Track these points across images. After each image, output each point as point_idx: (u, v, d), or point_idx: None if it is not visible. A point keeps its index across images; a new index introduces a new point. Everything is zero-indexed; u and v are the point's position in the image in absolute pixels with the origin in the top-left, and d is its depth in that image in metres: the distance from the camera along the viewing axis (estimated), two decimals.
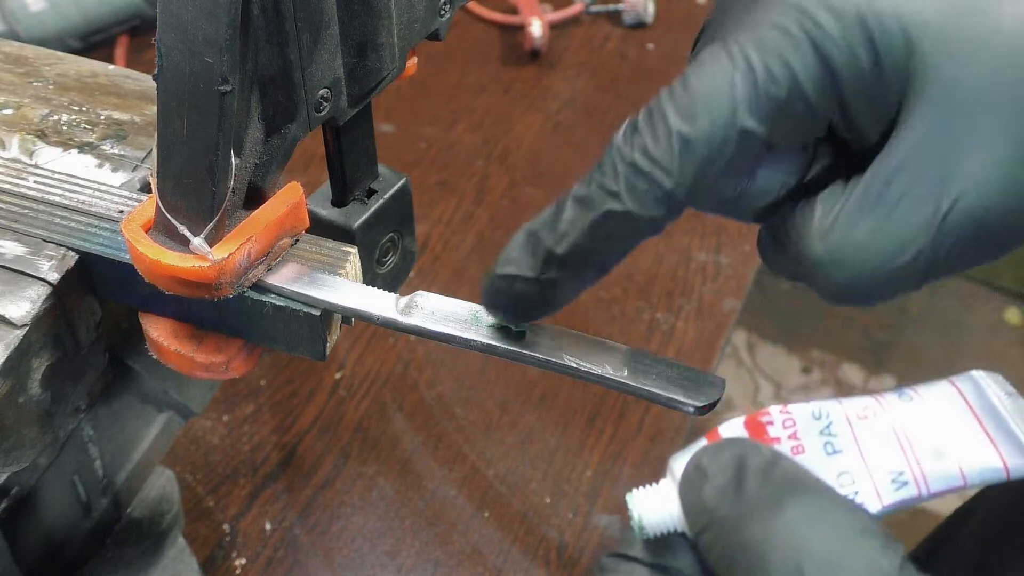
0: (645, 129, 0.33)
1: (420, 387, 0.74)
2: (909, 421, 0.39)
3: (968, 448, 0.38)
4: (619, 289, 0.82)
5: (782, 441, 0.38)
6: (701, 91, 0.32)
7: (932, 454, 0.38)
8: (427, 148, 0.94)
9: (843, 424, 0.39)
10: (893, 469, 0.38)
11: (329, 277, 0.40)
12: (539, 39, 1.02)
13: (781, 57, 0.32)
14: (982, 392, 0.39)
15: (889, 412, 0.39)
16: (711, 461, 0.35)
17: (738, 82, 0.32)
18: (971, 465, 0.38)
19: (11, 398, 0.38)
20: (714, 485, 0.34)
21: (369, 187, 0.47)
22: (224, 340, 0.41)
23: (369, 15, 0.39)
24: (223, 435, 0.71)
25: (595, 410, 0.73)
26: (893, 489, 0.38)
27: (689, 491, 0.35)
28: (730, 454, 0.35)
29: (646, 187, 0.33)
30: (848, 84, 0.32)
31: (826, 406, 0.39)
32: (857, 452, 0.38)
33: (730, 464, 0.34)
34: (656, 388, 0.37)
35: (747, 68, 0.32)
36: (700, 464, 0.35)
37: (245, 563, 0.64)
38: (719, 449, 0.35)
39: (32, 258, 0.40)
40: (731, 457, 0.35)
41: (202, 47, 0.33)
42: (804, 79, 0.32)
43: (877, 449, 0.38)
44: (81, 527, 0.51)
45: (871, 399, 0.39)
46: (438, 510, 0.67)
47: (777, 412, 0.39)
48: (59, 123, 0.46)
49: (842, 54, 0.32)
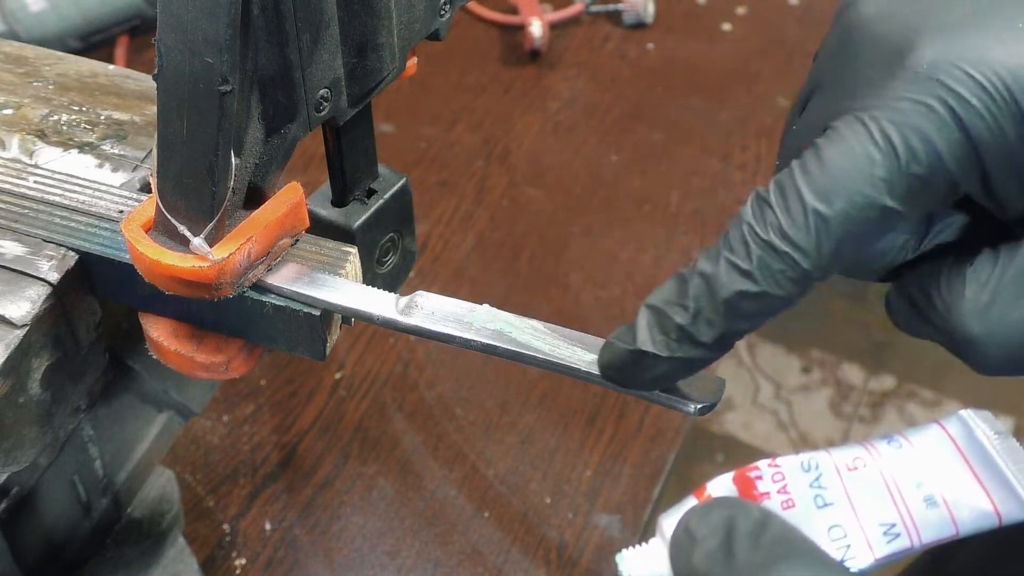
0: (779, 206, 0.32)
1: (420, 387, 0.74)
2: (899, 469, 0.38)
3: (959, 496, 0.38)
4: (619, 289, 0.82)
5: (772, 496, 0.38)
6: (839, 169, 0.32)
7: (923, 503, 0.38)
8: (427, 148, 0.94)
9: (833, 476, 0.38)
10: (885, 520, 0.37)
11: (329, 277, 0.39)
12: (539, 39, 1.02)
13: (923, 134, 0.31)
14: (971, 433, 0.39)
15: (879, 461, 0.38)
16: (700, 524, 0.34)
17: (879, 161, 0.31)
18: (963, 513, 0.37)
19: (11, 398, 0.38)
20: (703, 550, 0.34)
21: (369, 187, 0.47)
22: (224, 340, 0.41)
23: (369, 15, 0.39)
24: (223, 435, 0.71)
25: (595, 410, 0.73)
26: (885, 541, 0.37)
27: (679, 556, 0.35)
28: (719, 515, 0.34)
29: (782, 268, 0.32)
30: (992, 157, 0.31)
31: (816, 457, 0.39)
32: (848, 504, 0.38)
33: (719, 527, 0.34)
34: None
35: (887, 146, 0.31)
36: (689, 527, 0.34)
37: (245, 563, 0.64)
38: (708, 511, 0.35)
39: (32, 258, 0.40)
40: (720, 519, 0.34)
41: (202, 47, 0.33)
42: (947, 156, 0.31)
43: (868, 500, 0.38)
44: (81, 527, 0.51)
45: (861, 448, 0.39)
46: (438, 510, 0.67)
47: (766, 466, 0.39)
48: (59, 123, 0.46)
49: (987, 128, 0.31)
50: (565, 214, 0.88)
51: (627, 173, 0.92)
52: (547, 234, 0.86)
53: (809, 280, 0.33)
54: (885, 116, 0.32)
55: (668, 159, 0.93)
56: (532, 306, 0.80)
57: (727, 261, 0.33)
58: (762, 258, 0.32)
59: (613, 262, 0.84)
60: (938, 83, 0.31)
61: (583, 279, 0.82)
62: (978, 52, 0.31)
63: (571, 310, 0.80)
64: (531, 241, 0.85)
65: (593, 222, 0.87)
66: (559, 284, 0.82)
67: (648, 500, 0.69)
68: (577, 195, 0.89)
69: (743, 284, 0.33)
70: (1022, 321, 0.32)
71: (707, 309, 0.33)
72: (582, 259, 0.84)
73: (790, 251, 0.32)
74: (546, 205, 0.88)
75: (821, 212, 0.32)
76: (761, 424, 1.87)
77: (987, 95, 0.31)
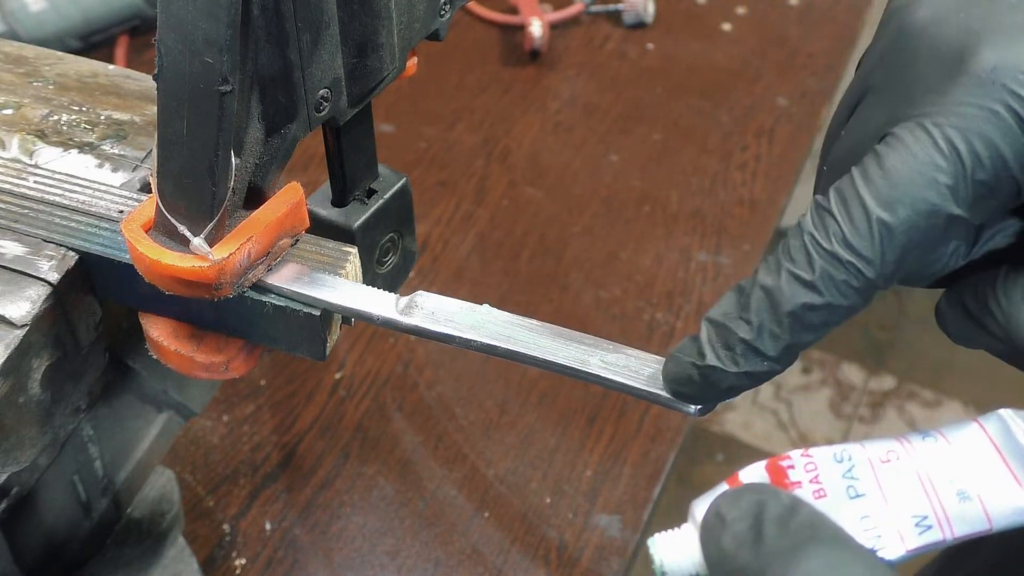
0: (841, 215, 0.32)
1: (420, 387, 0.74)
2: (933, 463, 0.38)
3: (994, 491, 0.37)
4: (619, 289, 0.82)
5: (803, 485, 0.38)
6: (903, 177, 0.31)
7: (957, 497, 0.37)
8: (427, 148, 0.94)
9: (866, 467, 0.38)
10: (917, 513, 0.37)
11: (329, 277, 0.40)
12: (539, 39, 1.02)
13: (988, 140, 0.31)
14: (1009, 432, 0.39)
15: (913, 454, 0.38)
16: (730, 508, 0.34)
17: (944, 167, 0.31)
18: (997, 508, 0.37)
19: (11, 398, 0.38)
20: (733, 533, 0.34)
21: (369, 187, 0.47)
22: (224, 340, 0.41)
23: (369, 15, 0.39)
24: (223, 435, 0.71)
25: (595, 410, 0.73)
26: (917, 533, 0.37)
27: (709, 539, 0.35)
28: (749, 501, 0.34)
29: (845, 278, 0.32)
30: None
31: (848, 449, 0.39)
32: (880, 495, 0.38)
33: (749, 511, 0.34)
34: (656, 388, 0.37)
35: (952, 153, 0.31)
36: (719, 511, 0.35)
37: (245, 563, 0.64)
38: (738, 496, 0.35)
39: (32, 258, 0.40)
40: (750, 504, 0.34)
41: (202, 47, 0.33)
42: (1013, 161, 0.31)
43: (900, 492, 0.38)
44: (81, 527, 0.51)
45: (895, 441, 0.39)
46: (438, 510, 0.67)
47: (799, 456, 0.39)
48: (59, 123, 0.46)
49: None
50: (565, 214, 0.88)
51: (627, 173, 0.92)
52: (547, 234, 0.86)
53: (873, 289, 0.33)
54: (949, 122, 0.31)
55: (668, 159, 0.93)
56: (532, 306, 0.80)
57: (789, 273, 0.33)
58: (825, 269, 0.32)
59: (613, 262, 0.83)
60: (1002, 87, 0.31)
61: (583, 279, 0.82)
62: None
63: (571, 310, 0.80)
64: (531, 241, 0.85)
65: (593, 222, 0.87)
66: (559, 284, 0.82)
67: (648, 500, 0.69)
68: (577, 195, 0.89)
69: (806, 296, 0.33)
70: None
71: (770, 322, 0.33)
72: (582, 259, 0.84)
73: (854, 260, 0.32)
74: (546, 205, 0.88)
75: (885, 221, 0.31)
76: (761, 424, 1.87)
77: None
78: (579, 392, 0.74)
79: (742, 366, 0.34)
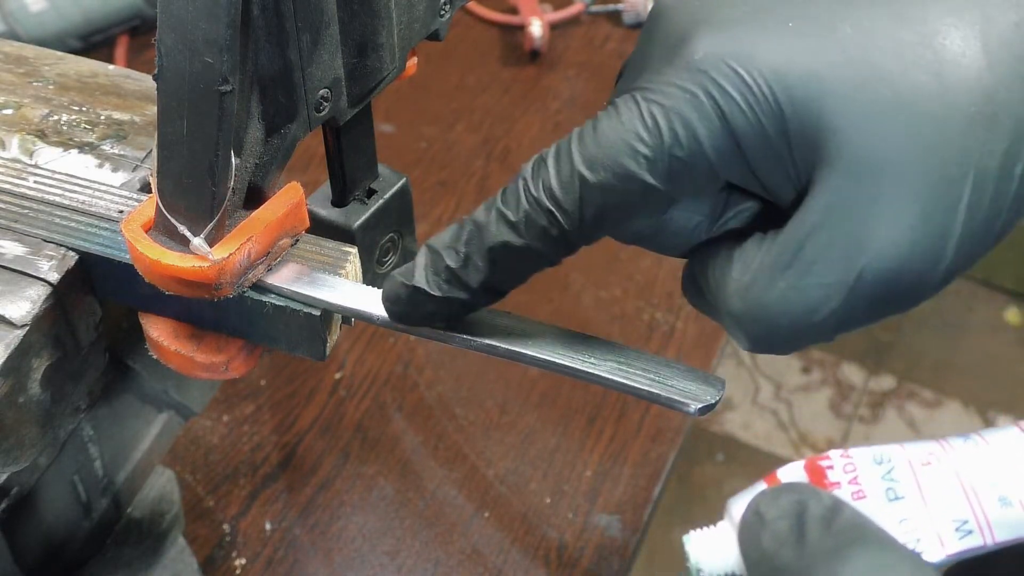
0: (552, 167, 0.34)
1: (420, 387, 0.74)
2: (975, 467, 0.38)
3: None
4: (619, 289, 0.82)
5: (842, 486, 0.38)
6: (608, 141, 0.33)
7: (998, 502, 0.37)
8: (427, 148, 0.94)
9: (905, 469, 0.38)
10: (957, 517, 0.37)
11: (329, 277, 0.40)
12: (539, 39, 1.02)
13: (687, 122, 0.32)
14: None
15: (953, 457, 0.38)
16: (770, 506, 0.34)
17: (644, 139, 0.33)
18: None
19: (11, 398, 0.38)
20: (773, 532, 0.34)
21: (369, 187, 0.47)
22: (224, 340, 0.41)
23: (369, 15, 0.39)
24: (223, 435, 0.71)
25: (595, 410, 0.73)
26: (957, 538, 0.37)
27: (748, 537, 0.35)
28: (789, 500, 0.34)
29: (545, 224, 0.34)
30: (754, 151, 0.33)
31: (888, 450, 0.39)
32: (920, 498, 0.37)
33: (790, 510, 0.34)
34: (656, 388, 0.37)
35: (653, 127, 0.33)
36: (759, 509, 0.35)
37: (245, 563, 0.64)
38: (778, 494, 0.35)
39: (32, 258, 0.40)
40: (790, 503, 0.34)
41: (202, 47, 0.33)
42: (708, 144, 0.32)
43: (940, 496, 0.37)
44: (81, 527, 0.51)
45: (935, 444, 0.39)
46: (438, 510, 0.67)
47: (838, 456, 0.38)
48: (59, 123, 0.46)
49: (747, 122, 0.32)
50: None
51: None
52: None
53: (569, 241, 0.34)
54: (657, 99, 0.33)
55: None
56: (532, 306, 0.80)
57: (498, 211, 0.35)
58: (528, 213, 0.34)
59: (613, 262, 0.83)
60: (705, 75, 0.32)
61: (583, 279, 0.82)
62: (746, 49, 0.32)
63: (571, 310, 0.80)
64: None
65: None
66: (559, 284, 0.82)
67: (648, 500, 0.69)
68: None
69: (508, 235, 0.34)
70: (779, 301, 0.33)
71: (475, 256, 0.35)
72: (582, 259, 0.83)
73: (554, 210, 0.34)
74: None
75: (586, 178, 0.33)
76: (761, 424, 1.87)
77: (749, 91, 0.32)
78: (579, 392, 0.74)
79: (445, 292, 0.36)
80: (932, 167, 0.31)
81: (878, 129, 0.31)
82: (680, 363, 0.37)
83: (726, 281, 0.35)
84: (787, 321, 0.33)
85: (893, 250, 0.32)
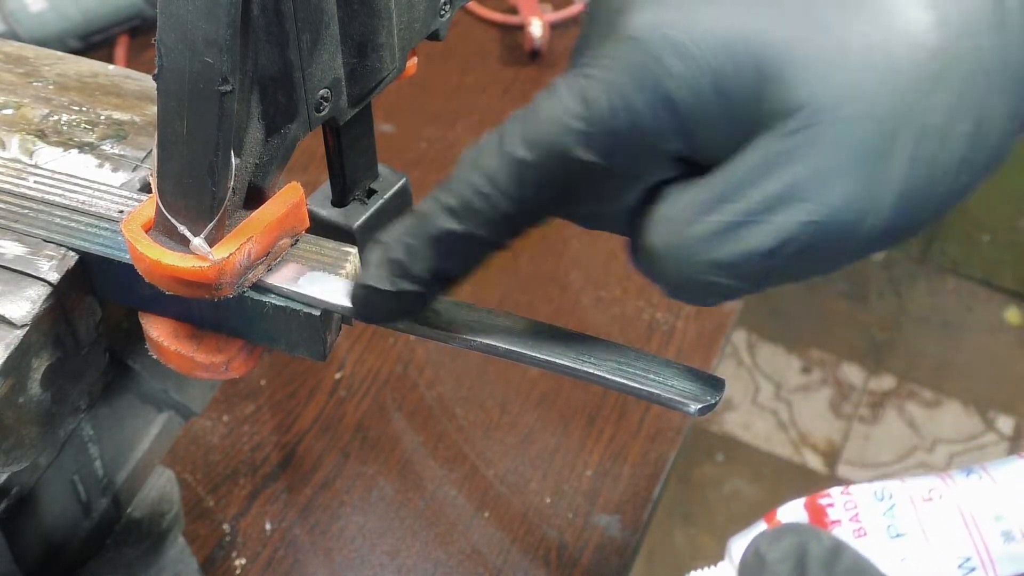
0: (491, 150, 0.33)
1: (420, 387, 0.74)
2: (976, 501, 0.37)
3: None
4: (619, 289, 0.82)
5: (843, 523, 0.37)
6: (543, 120, 0.33)
7: (1001, 537, 0.37)
8: (427, 148, 0.94)
9: (907, 506, 0.37)
10: (960, 554, 0.37)
11: (329, 277, 0.40)
12: (539, 39, 1.02)
13: (623, 94, 0.32)
14: None
15: (955, 492, 0.38)
16: (770, 548, 0.34)
17: (580, 114, 0.32)
18: None
19: (11, 398, 0.38)
20: (773, 574, 0.34)
21: (369, 187, 0.47)
22: (224, 340, 0.41)
23: (369, 15, 0.39)
24: (223, 435, 0.71)
25: (595, 410, 0.73)
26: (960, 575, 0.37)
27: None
28: (790, 542, 0.34)
29: (483, 208, 0.33)
30: (694, 119, 0.32)
31: (889, 487, 0.38)
32: (922, 535, 0.37)
33: (791, 552, 0.33)
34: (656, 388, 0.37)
35: (590, 102, 0.32)
36: (759, 551, 0.34)
37: (245, 563, 0.64)
38: (778, 536, 0.34)
39: (32, 258, 0.40)
40: (791, 545, 0.33)
41: (202, 47, 0.33)
42: (646, 116, 0.32)
43: (942, 532, 0.37)
44: (81, 527, 0.51)
45: (937, 478, 0.38)
46: (438, 510, 0.67)
47: (838, 494, 0.38)
48: (59, 123, 0.46)
49: (687, 88, 0.31)
50: None
51: None
52: (547, 234, 0.86)
53: (511, 223, 0.34)
54: (593, 74, 0.32)
55: None
56: (532, 306, 0.80)
57: (438, 199, 0.34)
58: (466, 198, 0.33)
59: (613, 262, 0.83)
60: (642, 45, 0.32)
61: (583, 279, 0.82)
62: (682, 16, 0.32)
63: (571, 310, 0.80)
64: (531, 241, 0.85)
65: None
66: (559, 284, 0.82)
67: (648, 500, 0.69)
68: None
69: (448, 222, 0.34)
70: (698, 240, 0.32)
71: (419, 245, 0.35)
72: (582, 259, 0.84)
73: (491, 193, 0.33)
74: None
75: (523, 158, 0.33)
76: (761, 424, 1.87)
77: (687, 56, 0.31)
78: (579, 392, 0.74)
79: (396, 286, 0.35)
80: (871, 118, 0.31)
81: (819, 80, 0.31)
82: (680, 363, 0.37)
83: (651, 217, 0.34)
84: (705, 260, 0.32)
85: (824, 197, 0.31)
